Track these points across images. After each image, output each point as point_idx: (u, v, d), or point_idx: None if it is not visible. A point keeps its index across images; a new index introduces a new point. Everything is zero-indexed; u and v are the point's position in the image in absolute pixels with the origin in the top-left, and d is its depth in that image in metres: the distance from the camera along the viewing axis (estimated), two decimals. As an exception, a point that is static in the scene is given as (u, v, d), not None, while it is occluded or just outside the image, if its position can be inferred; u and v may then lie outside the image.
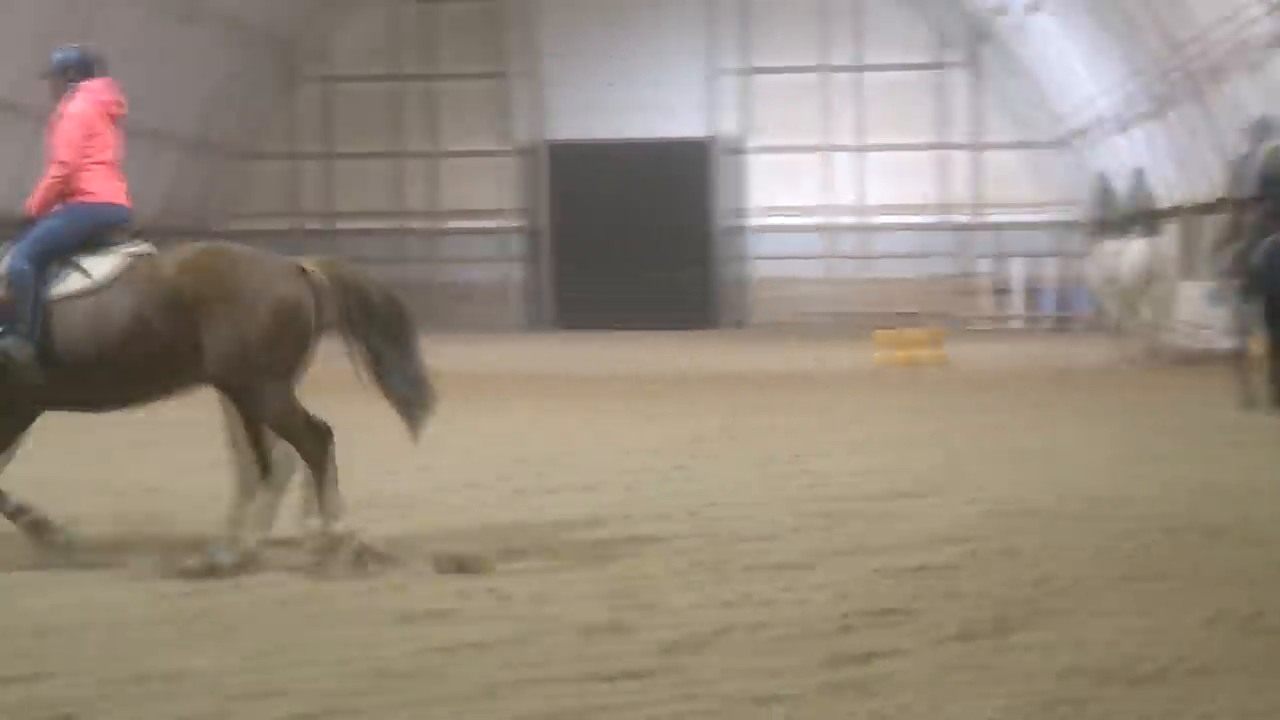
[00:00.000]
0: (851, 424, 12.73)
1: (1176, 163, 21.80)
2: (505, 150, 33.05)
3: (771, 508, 8.52)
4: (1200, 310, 17.98)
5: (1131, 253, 18.30)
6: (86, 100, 7.16)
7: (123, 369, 6.81)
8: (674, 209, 30.99)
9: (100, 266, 6.87)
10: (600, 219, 31.34)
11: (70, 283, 6.84)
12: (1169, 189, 21.32)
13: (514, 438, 12.03)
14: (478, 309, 32.45)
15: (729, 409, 14.05)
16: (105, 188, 7.09)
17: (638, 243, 30.95)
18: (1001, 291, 30.18)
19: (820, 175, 31.46)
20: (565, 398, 15.63)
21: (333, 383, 7.27)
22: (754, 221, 31.79)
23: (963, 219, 31.04)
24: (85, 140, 7.03)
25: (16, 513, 7.00)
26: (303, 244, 33.58)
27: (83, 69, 7.27)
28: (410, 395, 7.00)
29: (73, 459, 9.91)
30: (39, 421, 7.23)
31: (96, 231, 7.02)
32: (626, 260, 30.99)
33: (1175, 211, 21.20)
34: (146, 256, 6.96)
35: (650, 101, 31.76)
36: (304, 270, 6.91)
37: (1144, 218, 19.02)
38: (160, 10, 27.82)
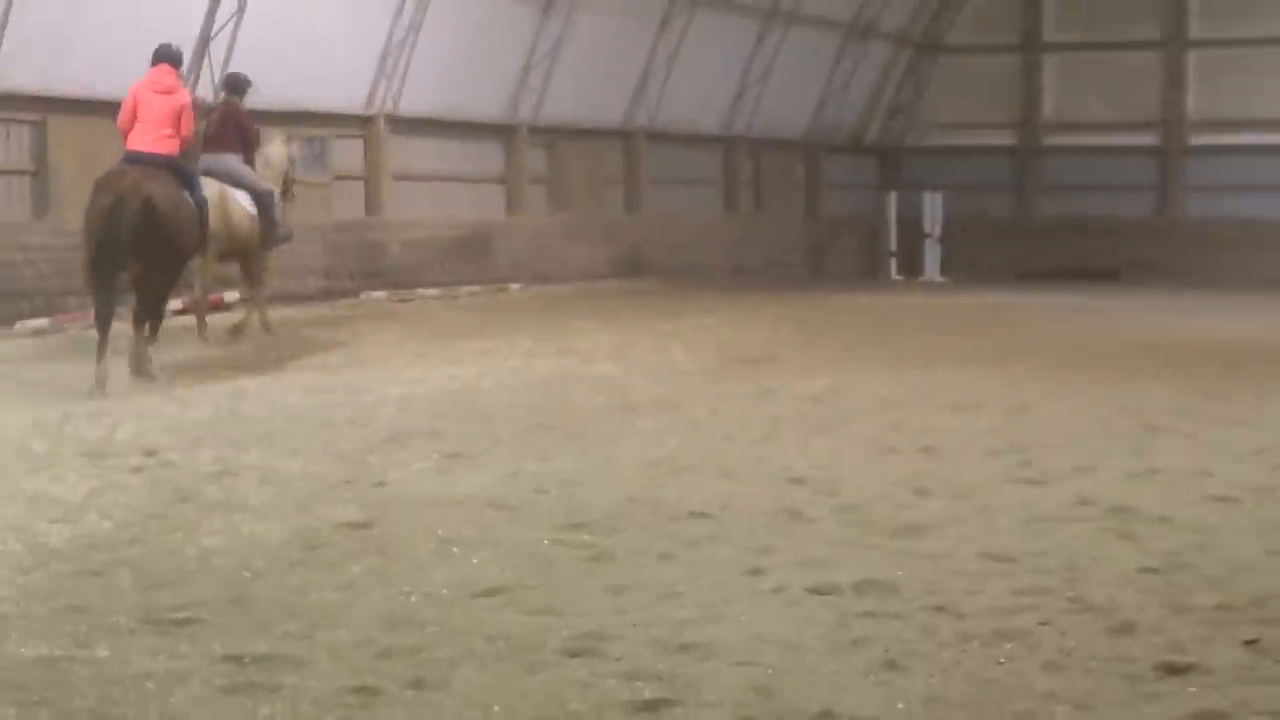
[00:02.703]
0: None
1: None
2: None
3: None
4: None
5: None
6: (138, 82, 13.97)
7: None
8: None
9: None
10: None
11: None
12: None
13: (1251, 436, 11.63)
14: (1253, 255, 31.41)
15: None
16: (137, 140, 13.81)
17: None
18: None
19: None
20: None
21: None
22: None
23: None
24: (130, 108, 13.88)
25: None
26: (996, 163, 34.06)
27: (151, 59, 14.13)
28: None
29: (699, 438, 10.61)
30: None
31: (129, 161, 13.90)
32: None
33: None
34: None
35: None
36: (105, 184, 13.48)
37: None
38: None
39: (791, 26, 31.25)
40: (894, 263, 32.83)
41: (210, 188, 15.87)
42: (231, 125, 17.43)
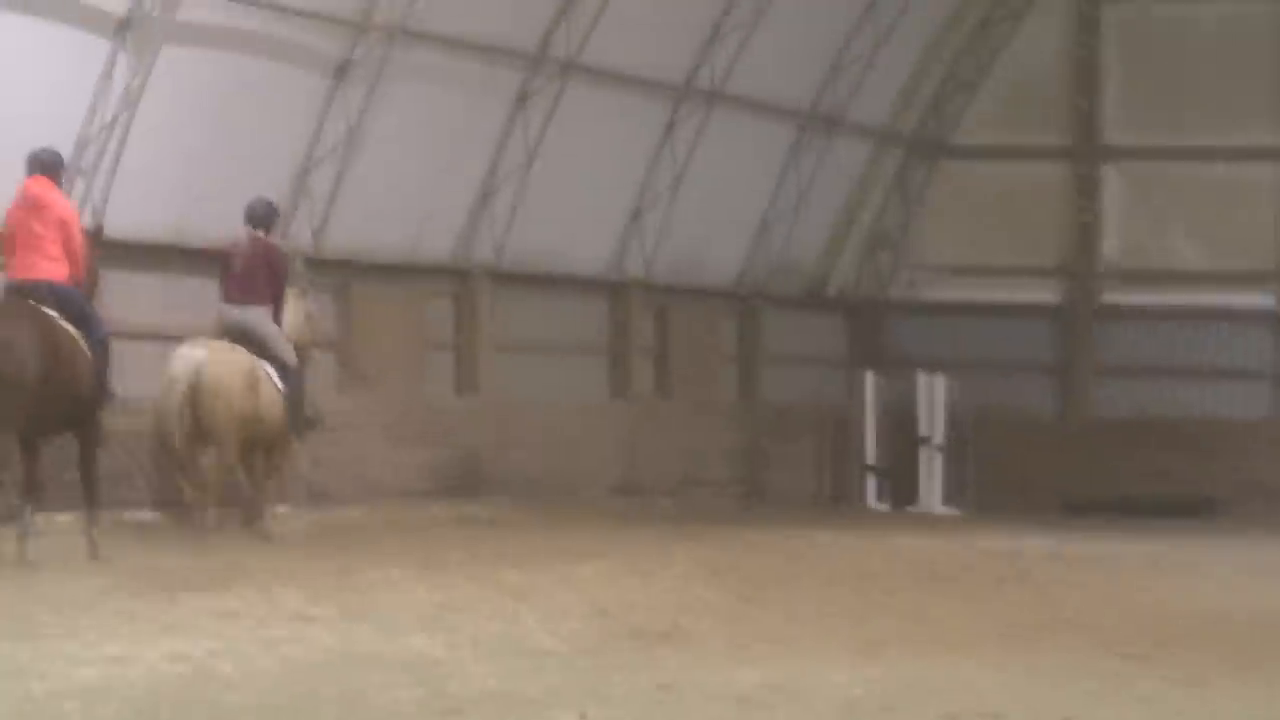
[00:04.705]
0: None
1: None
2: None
3: None
4: None
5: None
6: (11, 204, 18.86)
7: None
8: None
9: None
10: None
11: None
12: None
13: None
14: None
15: None
16: (13, 266, 17.81)
17: None
18: None
19: None
20: None
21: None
22: None
23: None
24: (9, 232, 18.52)
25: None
26: (1030, 330, 34.48)
27: (26, 168, 18.24)
28: None
29: None
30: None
31: None
32: None
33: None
34: None
35: None
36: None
37: None
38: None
39: (715, 113, 31.56)
40: (872, 482, 33.06)
41: (237, 360, 21.11)
42: (262, 268, 21.68)
